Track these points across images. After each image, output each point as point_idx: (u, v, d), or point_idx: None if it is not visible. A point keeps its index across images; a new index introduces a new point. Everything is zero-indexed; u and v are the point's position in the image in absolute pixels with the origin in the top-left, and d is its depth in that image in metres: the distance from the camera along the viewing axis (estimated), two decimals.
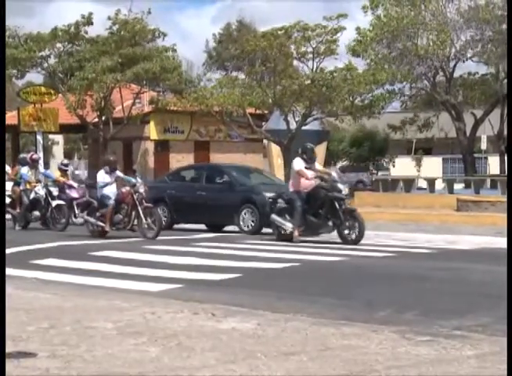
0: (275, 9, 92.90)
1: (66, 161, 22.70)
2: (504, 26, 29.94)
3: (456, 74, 34.09)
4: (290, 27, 30.93)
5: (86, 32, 34.63)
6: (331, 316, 7.90)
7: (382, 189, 34.82)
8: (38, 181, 20.51)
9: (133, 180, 17.54)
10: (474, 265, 12.14)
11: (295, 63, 33.71)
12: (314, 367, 5.72)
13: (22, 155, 22.43)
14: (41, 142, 33.55)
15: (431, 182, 35.56)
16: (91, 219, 17.90)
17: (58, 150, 72.95)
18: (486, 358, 5.99)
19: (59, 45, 34.97)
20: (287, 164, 31.56)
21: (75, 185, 21.05)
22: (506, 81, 31.46)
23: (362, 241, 15.59)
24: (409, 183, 35.73)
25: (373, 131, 48.47)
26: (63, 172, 21.64)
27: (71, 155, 74.87)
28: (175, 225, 20.68)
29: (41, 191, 19.94)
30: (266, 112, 36.77)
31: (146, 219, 16.95)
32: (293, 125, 32.23)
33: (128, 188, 17.45)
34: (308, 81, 30.97)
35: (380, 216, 14.87)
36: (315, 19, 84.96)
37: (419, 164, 53.23)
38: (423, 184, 38.58)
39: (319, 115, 33.13)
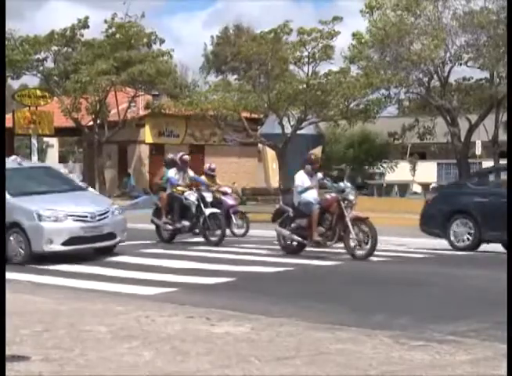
0: (268, 13, 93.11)
1: (213, 166, 19.61)
2: (499, 31, 29.99)
3: (451, 79, 34.16)
4: (280, 28, 30.92)
5: (82, 35, 34.66)
6: (325, 320, 7.90)
7: (377, 194, 34.85)
8: (189, 185, 17.29)
9: (341, 185, 14.27)
10: (468, 270, 12.15)
11: (291, 67, 33.74)
12: (308, 372, 5.72)
13: (169, 155, 19.09)
14: (36, 145, 33.44)
15: (426, 187, 35.59)
16: (285, 232, 14.60)
17: (53, 153, 72.91)
18: (479, 363, 5.99)
19: (54, 47, 34.98)
20: (282, 169, 31.60)
21: (229, 191, 18.72)
22: (500, 86, 31.51)
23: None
24: (403, 188, 35.78)
25: (370, 135, 48.49)
26: (210, 177, 18.87)
27: (66, 158, 74.82)
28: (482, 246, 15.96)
29: (192, 197, 16.83)
30: (261, 116, 36.77)
31: (355, 234, 13.68)
32: (288, 129, 32.23)
33: (333, 194, 14.26)
34: (304, 85, 30.98)
35: (375, 221, 14.91)
36: (310, 22, 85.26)
37: (414, 168, 53.30)
38: (417, 189, 38.62)
39: (314, 119, 33.14)
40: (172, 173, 17.36)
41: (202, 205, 16.66)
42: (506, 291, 7.70)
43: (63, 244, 13.56)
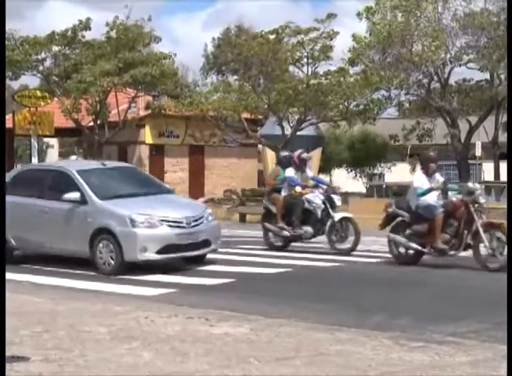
0: (266, 13, 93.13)
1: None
2: (499, 32, 29.99)
3: (451, 81, 34.16)
4: (281, 28, 30.94)
5: (83, 36, 34.65)
6: (325, 321, 7.90)
7: (376, 195, 34.85)
8: (308, 186, 15.41)
9: (470, 186, 12.88)
10: (467, 272, 12.14)
11: (290, 68, 33.75)
12: (307, 372, 5.72)
13: (285, 153, 17.16)
14: (36, 145, 33.45)
15: None
16: (401, 239, 13.03)
17: (53, 154, 72.91)
18: (479, 364, 5.99)
19: (55, 48, 34.96)
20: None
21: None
22: (501, 87, 31.52)
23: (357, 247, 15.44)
24: (403, 189, 35.76)
25: (370, 136, 48.47)
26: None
27: (66, 159, 74.80)
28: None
29: (317, 199, 14.95)
30: (261, 117, 36.77)
31: (488, 242, 12.12)
32: (288, 130, 32.22)
33: (460, 197, 12.88)
34: (303, 86, 30.98)
35: (375, 222, 14.88)
36: (308, 22, 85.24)
37: (414, 169, 53.28)
38: None
39: (313, 120, 33.14)
40: (291, 172, 15.42)
41: (330, 209, 14.85)
42: (506, 292, 7.70)
43: (158, 252, 12.21)
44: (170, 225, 12.42)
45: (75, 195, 12.73)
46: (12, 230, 13.09)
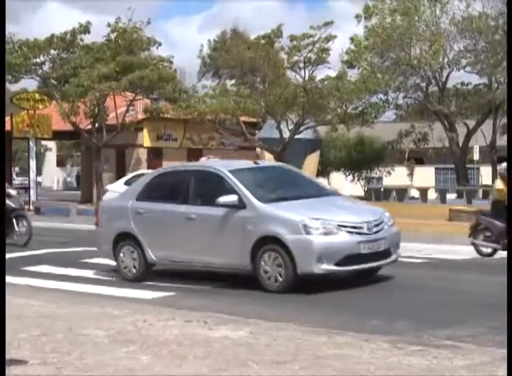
0: (261, 16, 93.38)
1: None
2: (497, 37, 30.05)
3: (449, 85, 34.23)
4: (273, 32, 30.99)
5: (82, 40, 34.66)
6: (323, 325, 7.90)
7: (375, 199, 34.87)
8: None
9: None
10: (465, 275, 12.14)
11: (287, 72, 33.79)
12: None
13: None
14: (34, 148, 33.49)
15: (424, 191, 35.61)
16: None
17: (51, 157, 72.85)
18: (477, 368, 5.99)
19: (53, 51, 34.96)
20: None
21: None
22: (498, 91, 31.57)
23: None
24: (401, 193, 35.78)
25: (368, 139, 48.49)
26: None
27: (64, 162, 74.78)
28: None
29: None
30: (259, 120, 36.81)
31: None
32: (286, 134, 32.25)
33: None
34: (301, 90, 31.03)
35: None
36: (303, 25, 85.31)
37: (411, 173, 53.32)
38: (415, 194, 38.63)
39: (311, 124, 33.18)
40: None
41: None
42: (506, 295, 7.70)
43: (338, 263, 10.45)
44: (349, 232, 10.59)
45: (232, 198, 10.84)
46: (150, 241, 11.66)
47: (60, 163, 73.98)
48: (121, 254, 12.02)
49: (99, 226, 12.65)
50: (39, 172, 52.74)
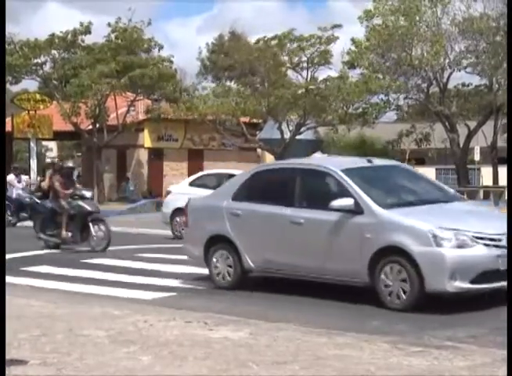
0: (262, 17, 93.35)
1: None
2: (498, 37, 30.04)
3: (450, 85, 34.21)
4: (284, 35, 31.01)
5: (83, 41, 34.69)
6: (323, 325, 7.89)
7: None
8: None
9: None
10: None
11: (289, 72, 33.81)
12: None
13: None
14: (35, 148, 33.49)
15: None
16: None
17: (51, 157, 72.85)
18: (477, 369, 5.99)
19: (54, 52, 34.98)
20: None
21: None
22: (499, 92, 31.54)
23: None
24: None
25: (369, 140, 48.49)
26: None
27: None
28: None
29: None
30: (260, 121, 36.81)
31: None
32: (287, 135, 32.26)
33: None
34: (302, 90, 31.03)
35: None
36: (304, 26, 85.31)
37: None
38: None
39: (312, 124, 33.17)
40: None
41: None
42: (506, 296, 7.69)
43: (473, 281, 8.96)
44: (486, 244, 9.13)
45: (347, 202, 9.62)
46: (248, 246, 10.64)
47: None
48: (214, 260, 10.96)
49: (188, 227, 11.63)
50: (40, 173, 52.68)
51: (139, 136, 37.64)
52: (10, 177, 23.97)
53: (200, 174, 21.57)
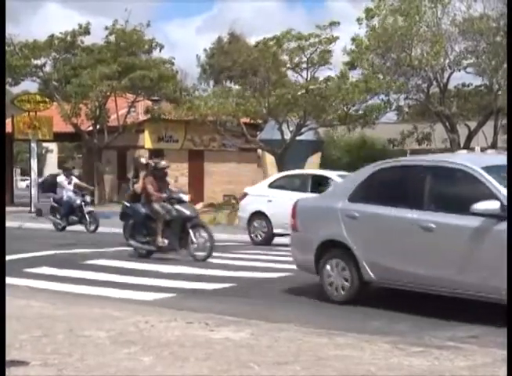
0: (261, 17, 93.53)
1: None
2: (498, 38, 30.02)
3: (450, 86, 34.17)
4: (282, 35, 31.01)
5: (82, 41, 34.73)
6: (324, 326, 7.90)
7: None
8: None
9: None
10: None
11: (289, 72, 33.81)
12: None
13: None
14: (36, 150, 33.52)
15: None
16: None
17: (52, 159, 72.92)
18: (478, 369, 5.99)
19: (54, 53, 35.02)
20: None
21: None
22: (500, 92, 31.53)
23: None
24: None
25: (369, 140, 48.52)
26: None
27: (65, 164, 74.86)
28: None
29: None
30: (260, 122, 36.81)
31: None
32: (287, 135, 32.24)
33: None
34: (303, 91, 31.01)
35: None
36: (303, 26, 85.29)
37: None
38: None
39: (313, 125, 33.16)
40: None
41: None
42: (506, 296, 7.69)
43: None
44: None
45: (492, 205, 8.28)
46: (368, 254, 9.40)
47: (62, 164, 74.08)
48: (327, 268, 9.79)
49: (297, 231, 10.51)
50: (40, 174, 52.75)
51: (140, 137, 37.66)
52: (60, 178, 23.08)
53: (280, 175, 20.61)
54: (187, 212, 14.84)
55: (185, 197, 15.24)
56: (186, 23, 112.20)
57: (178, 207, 14.86)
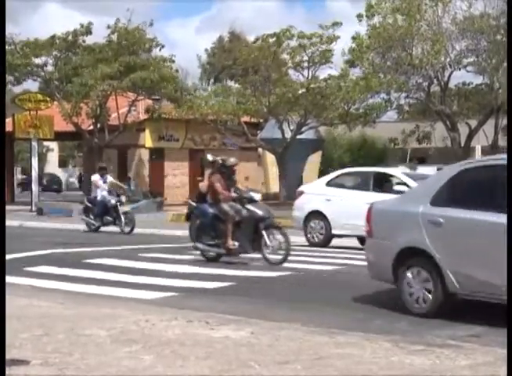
0: (260, 16, 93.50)
1: None
2: (499, 36, 30.01)
3: (451, 84, 34.18)
4: (282, 33, 30.99)
5: (84, 41, 34.71)
6: (325, 324, 7.89)
7: None
8: None
9: None
10: None
11: (290, 71, 33.80)
12: None
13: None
14: (36, 148, 33.50)
15: None
16: None
17: (53, 158, 72.92)
18: (479, 368, 5.99)
19: (55, 52, 34.99)
20: (282, 173, 31.60)
21: None
22: (500, 91, 31.51)
23: (360, 251, 15.35)
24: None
25: (370, 139, 48.52)
26: None
27: (66, 163, 74.88)
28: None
29: None
30: (261, 121, 36.82)
31: None
32: (288, 134, 32.24)
33: None
34: (303, 90, 31.02)
35: None
36: (302, 25, 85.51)
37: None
38: None
39: (313, 124, 33.16)
40: None
41: None
42: (506, 295, 7.68)
43: None
44: None
45: None
46: (454, 264, 8.57)
47: (62, 163, 74.08)
48: (407, 277, 8.94)
49: (372, 236, 9.78)
50: (41, 173, 52.77)
51: (140, 136, 37.65)
52: (95, 177, 22.38)
53: (339, 172, 19.20)
54: (260, 212, 13.90)
55: (257, 196, 14.27)
56: (186, 22, 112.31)
57: (249, 207, 13.93)
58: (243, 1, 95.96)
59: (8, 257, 13.84)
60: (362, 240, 15.44)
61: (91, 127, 35.67)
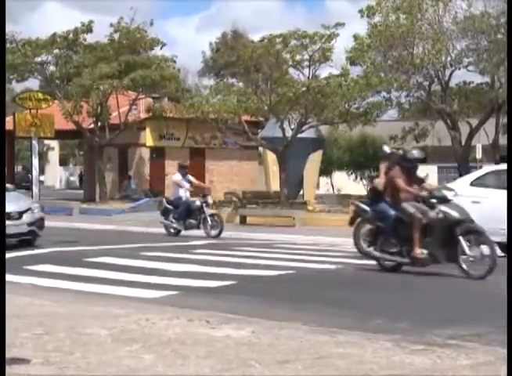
0: (261, 16, 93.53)
1: None
2: (499, 36, 30.01)
3: (452, 83, 34.18)
4: (289, 34, 30.97)
5: (85, 39, 34.72)
6: (326, 324, 7.89)
7: None
8: None
9: None
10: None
11: (291, 70, 33.77)
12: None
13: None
14: (37, 147, 33.53)
15: None
16: None
17: (53, 156, 72.92)
18: (480, 368, 5.98)
19: (56, 51, 35.00)
20: (282, 172, 31.55)
21: None
22: (501, 90, 31.51)
23: None
24: None
25: (370, 138, 48.50)
26: None
27: (67, 161, 74.89)
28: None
29: None
30: (262, 119, 36.79)
31: None
32: (288, 133, 32.21)
33: None
34: (304, 89, 30.99)
35: None
36: (302, 25, 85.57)
37: None
38: None
39: (314, 123, 33.12)
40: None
41: None
42: (506, 294, 7.68)
43: None
44: None
45: None
46: None
47: (63, 162, 74.10)
48: None
49: None
50: (42, 171, 52.80)
51: (141, 135, 37.67)
52: (177, 177, 20.57)
53: (485, 170, 16.45)
54: (455, 214, 11.75)
55: (450, 195, 12.20)
56: (185, 21, 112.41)
57: (442, 208, 11.82)
58: (242, 1, 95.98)
59: (9, 255, 13.85)
60: (502, 246, 13.30)
61: (92, 125, 35.69)
